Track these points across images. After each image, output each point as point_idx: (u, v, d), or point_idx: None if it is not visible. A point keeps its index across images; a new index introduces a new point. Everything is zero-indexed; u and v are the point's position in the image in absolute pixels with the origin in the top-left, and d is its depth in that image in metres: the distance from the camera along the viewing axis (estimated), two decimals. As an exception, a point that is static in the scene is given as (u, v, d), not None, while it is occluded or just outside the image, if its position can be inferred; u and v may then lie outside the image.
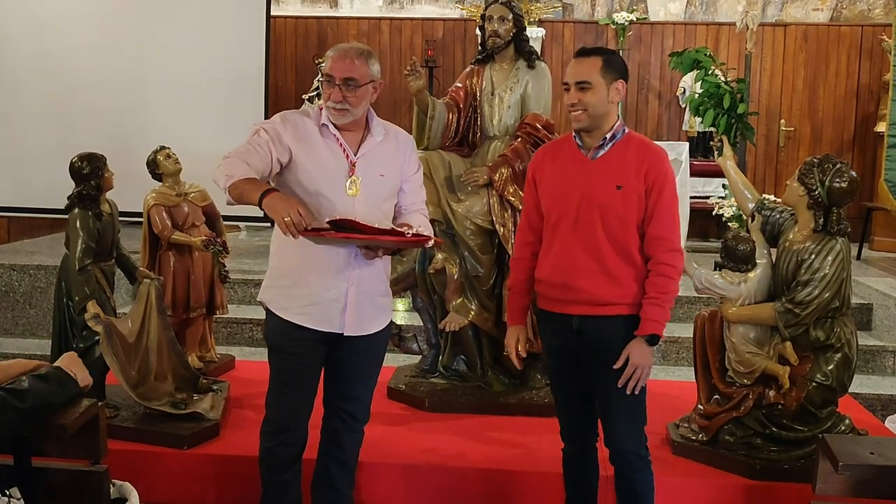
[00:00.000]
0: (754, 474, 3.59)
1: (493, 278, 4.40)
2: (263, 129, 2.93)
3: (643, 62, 9.14)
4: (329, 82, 2.91)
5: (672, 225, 3.00)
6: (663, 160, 3.04)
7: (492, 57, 4.55)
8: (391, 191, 3.06)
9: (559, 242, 3.01)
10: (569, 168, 3.03)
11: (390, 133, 3.10)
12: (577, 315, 2.99)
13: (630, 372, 2.92)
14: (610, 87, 2.96)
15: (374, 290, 3.06)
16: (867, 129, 8.72)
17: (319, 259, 2.93)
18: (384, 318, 3.16)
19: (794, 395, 3.64)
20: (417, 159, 3.18)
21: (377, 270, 3.06)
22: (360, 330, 3.03)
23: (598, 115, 2.97)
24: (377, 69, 2.98)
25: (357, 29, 9.24)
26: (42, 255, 6.18)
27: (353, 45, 2.97)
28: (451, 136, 4.54)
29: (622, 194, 2.94)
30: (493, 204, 4.32)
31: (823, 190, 3.56)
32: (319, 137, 2.96)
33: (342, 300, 2.98)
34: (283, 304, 3.02)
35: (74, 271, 3.95)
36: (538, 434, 4.07)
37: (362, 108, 2.96)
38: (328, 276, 2.96)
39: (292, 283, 3.00)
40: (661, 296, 2.94)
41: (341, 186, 2.93)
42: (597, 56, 2.98)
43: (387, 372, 4.82)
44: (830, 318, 3.63)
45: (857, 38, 8.86)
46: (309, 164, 2.93)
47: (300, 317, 2.99)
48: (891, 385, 5.14)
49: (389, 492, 3.71)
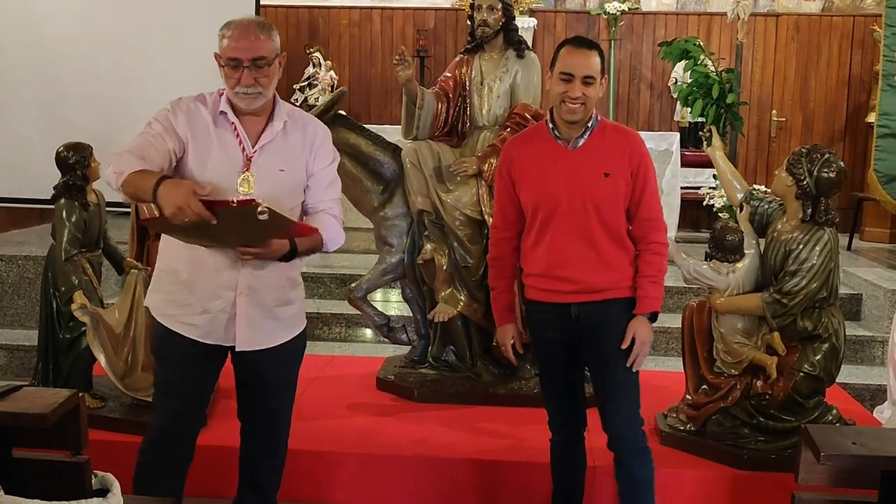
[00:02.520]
0: (741, 464, 3.60)
1: (482, 269, 4.39)
2: (156, 120, 2.67)
3: (635, 52, 9.12)
4: (234, 66, 2.61)
5: (658, 204, 3.07)
6: (641, 143, 3.07)
7: (481, 46, 4.53)
8: (293, 188, 2.76)
9: (550, 235, 2.99)
10: (548, 160, 3.01)
11: (298, 121, 2.80)
12: (575, 303, 3.00)
13: (638, 350, 2.97)
14: (601, 83, 2.97)
15: (269, 301, 2.75)
16: (858, 120, 8.73)
17: (206, 263, 2.66)
18: (287, 331, 2.84)
19: (782, 386, 3.65)
20: (332, 152, 2.86)
21: (275, 279, 2.75)
22: (254, 344, 2.74)
23: (590, 109, 2.98)
24: (278, 41, 2.72)
25: (348, 18, 9.20)
26: (31, 246, 6.15)
27: (251, 18, 2.70)
28: (440, 126, 4.53)
29: (611, 181, 2.96)
30: (482, 194, 4.32)
31: (812, 180, 3.56)
32: (213, 128, 2.68)
33: (229, 310, 2.69)
34: (167, 310, 2.75)
35: (61, 262, 3.94)
36: (527, 424, 4.07)
37: (272, 87, 2.71)
38: (215, 283, 2.68)
39: (177, 288, 2.73)
40: (658, 273, 3.02)
41: (233, 184, 2.64)
42: (596, 51, 2.98)
43: (376, 363, 4.85)
44: (818, 308, 3.64)
45: (848, 29, 8.86)
46: (197, 159, 2.66)
47: (184, 327, 2.72)
48: (879, 375, 5.15)
49: (378, 482, 3.71)
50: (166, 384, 2.83)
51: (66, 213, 3.96)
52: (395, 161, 4.44)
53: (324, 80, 8.78)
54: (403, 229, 4.46)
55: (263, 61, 2.62)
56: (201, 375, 2.83)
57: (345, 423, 4.09)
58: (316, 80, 8.82)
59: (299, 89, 8.87)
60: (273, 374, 2.87)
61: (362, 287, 4.51)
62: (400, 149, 4.48)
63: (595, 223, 2.96)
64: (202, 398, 2.90)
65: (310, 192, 2.81)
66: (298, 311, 2.91)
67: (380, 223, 4.50)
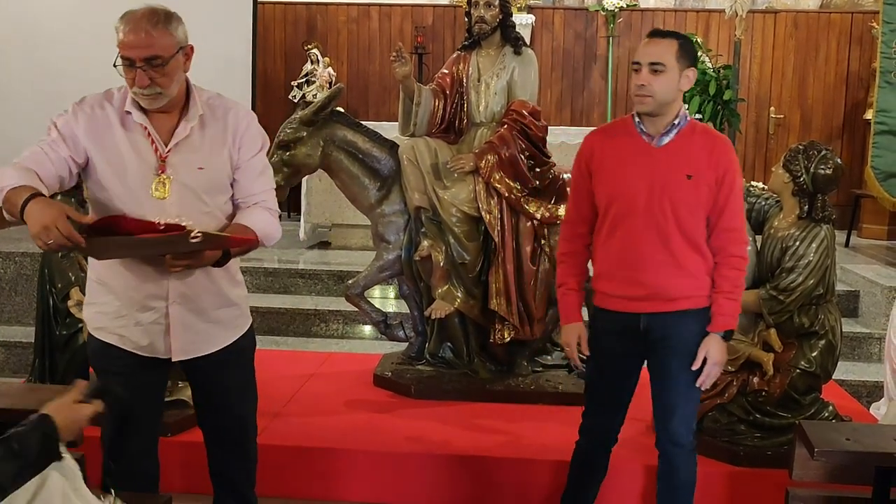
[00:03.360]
0: (737, 460, 3.61)
1: (479, 265, 4.40)
2: (54, 125, 2.47)
3: (633, 49, 9.06)
4: (128, 65, 2.39)
5: (741, 217, 2.94)
6: (730, 150, 2.93)
7: (478, 43, 4.52)
8: (217, 185, 2.55)
9: (623, 234, 2.88)
10: (629, 155, 2.90)
11: (217, 111, 2.56)
12: (644, 314, 2.90)
13: (709, 370, 2.87)
14: (682, 74, 2.84)
15: (206, 305, 2.58)
16: (857, 117, 8.72)
17: (132, 273, 2.49)
18: (231, 332, 2.68)
19: (778, 382, 3.66)
20: (260, 137, 2.63)
21: (208, 283, 2.57)
22: (191, 353, 2.59)
23: (664, 102, 2.84)
24: (183, 31, 2.48)
25: (346, 15, 9.19)
26: (28, 243, 6.13)
27: (145, 10, 2.42)
28: (437, 122, 4.52)
29: (692, 184, 2.83)
30: (480, 191, 4.31)
31: (808, 177, 3.57)
32: (120, 130, 2.47)
33: (163, 321, 2.53)
34: (101, 323, 2.58)
35: (57, 258, 3.94)
36: (524, 421, 4.08)
37: (176, 84, 2.46)
38: (144, 293, 2.50)
39: (107, 300, 2.56)
40: (735, 290, 2.89)
41: (147, 189, 2.45)
42: (673, 38, 2.85)
43: (373, 359, 4.85)
44: (815, 304, 3.64)
45: (847, 26, 8.85)
46: (105, 165, 2.45)
47: (117, 338, 2.56)
48: (876, 372, 5.15)
49: (375, 479, 3.72)
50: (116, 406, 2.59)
51: (63, 209, 3.96)
52: (392, 158, 4.44)
53: (322, 77, 8.77)
54: (401, 226, 4.46)
55: (158, 60, 2.39)
56: (146, 388, 2.64)
57: (342, 419, 4.10)
58: (314, 77, 8.81)
59: (297, 86, 8.86)
60: (227, 378, 2.71)
61: (360, 284, 4.50)
62: (397, 145, 4.47)
63: (672, 226, 2.83)
64: (152, 414, 2.72)
65: (238, 186, 2.58)
66: (242, 312, 2.73)
67: (377, 220, 4.49)
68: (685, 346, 2.89)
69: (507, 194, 4.29)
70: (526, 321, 4.37)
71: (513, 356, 4.52)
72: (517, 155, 4.29)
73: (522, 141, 4.32)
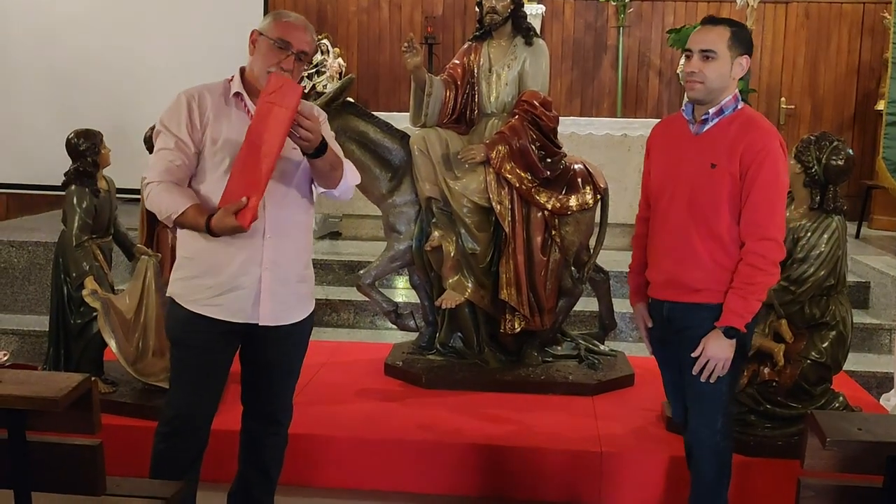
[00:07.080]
0: (748, 451, 3.61)
1: (489, 256, 4.41)
2: (165, 130, 2.78)
3: (643, 39, 9.08)
4: (284, 48, 2.77)
5: (769, 211, 2.79)
6: (765, 139, 2.80)
7: (489, 34, 4.53)
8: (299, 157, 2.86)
9: (654, 220, 2.97)
10: (674, 145, 2.93)
11: None
12: (666, 301, 2.94)
13: (703, 363, 2.85)
14: (734, 62, 2.82)
15: (291, 276, 2.86)
16: (868, 107, 8.68)
17: (229, 245, 2.73)
18: (305, 308, 2.94)
19: (789, 373, 3.66)
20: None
21: (294, 253, 2.87)
22: (277, 320, 2.84)
23: (715, 89, 2.82)
24: None
25: (356, 5, 9.18)
26: (41, 232, 6.18)
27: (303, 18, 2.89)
28: (448, 113, 4.53)
29: (715, 173, 2.80)
30: (490, 181, 4.32)
31: (820, 168, 3.56)
32: (226, 108, 2.82)
33: (255, 287, 2.78)
34: (193, 296, 2.81)
35: (71, 247, 3.97)
36: (534, 410, 4.09)
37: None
38: (240, 261, 2.76)
39: (202, 272, 2.79)
40: (745, 286, 2.79)
41: None
42: (725, 26, 2.84)
43: (384, 349, 4.87)
44: (825, 295, 3.64)
45: (858, 16, 8.80)
46: (218, 140, 2.77)
47: (211, 308, 2.79)
48: (886, 363, 5.14)
49: (386, 467, 3.74)
50: (185, 370, 2.88)
51: (77, 199, 3.98)
52: (403, 148, 4.45)
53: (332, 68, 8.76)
54: (412, 216, 4.47)
55: (306, 56, 2.80)
56: (220, 360, 2.90)
57: (353, 408, 4.12)
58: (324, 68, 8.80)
59: (307, 76, 8.85)
60: (282, 355, 2.95)
61: (370, 274, 4.52)
62: (408, 136, 4.48)
63: (686, 215, 2.84)
64: (219, 384, 2.95)
65: None
66: (311, 290, 3.00)
67: (388, 210, 4.51)
68: (697, 342, 2.87)
69: (518, 185, 4.30)
70: (536, 311, 4.39)
71: (523, 346, 4.54)
72: (528, 145, 4.29)
73: (533, 131, 4.33)
